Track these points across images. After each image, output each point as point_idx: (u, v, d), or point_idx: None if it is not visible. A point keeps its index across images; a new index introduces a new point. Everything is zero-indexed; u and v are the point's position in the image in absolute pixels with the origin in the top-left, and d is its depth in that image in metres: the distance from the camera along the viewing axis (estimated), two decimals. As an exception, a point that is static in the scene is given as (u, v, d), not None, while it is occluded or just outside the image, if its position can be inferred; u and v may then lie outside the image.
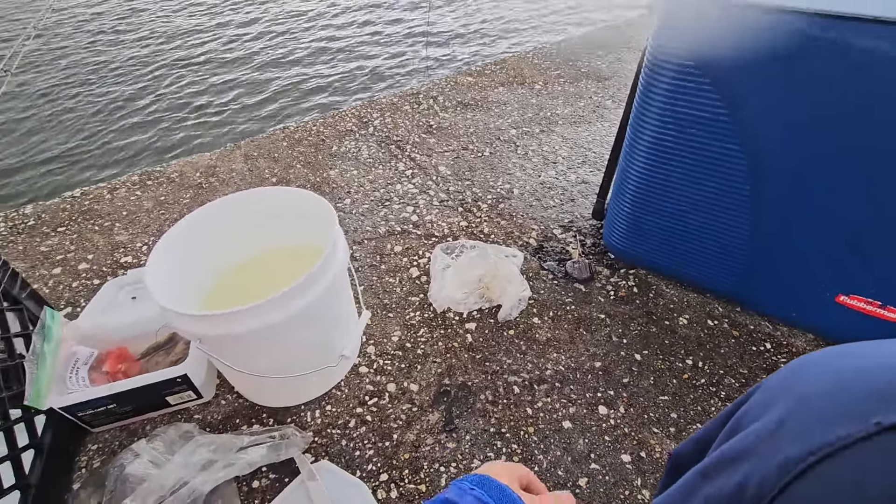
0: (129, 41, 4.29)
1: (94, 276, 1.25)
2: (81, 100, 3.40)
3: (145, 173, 1.63)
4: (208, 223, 0.92)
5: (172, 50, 4.12)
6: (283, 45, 4.16)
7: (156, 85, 3.56)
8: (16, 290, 0.84)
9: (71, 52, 4.10)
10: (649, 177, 0.98)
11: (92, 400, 0.83)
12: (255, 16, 4.78)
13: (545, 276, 1.18)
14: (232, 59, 3.93)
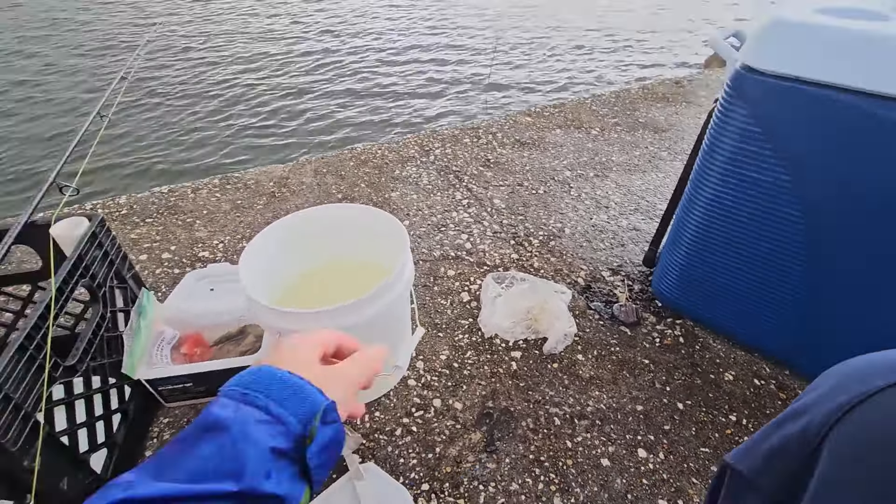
0: (219, 63, 4.68)
1: (175, 265, 1.37)
2: (178, 112, 3.73)
3: (225, 178, 1.78)
4: (290, 231, 1.01)
5: (256, 72, 4.46)
6: (354, 75, 4.43)
7: (243, 103, 3.86)
8: (124, 271, 0.95)
9: (167, 74, 4.50)
10: (706, 231, 1.02)
11: (173, 377, 0.92)
12: (332, 46, 5.13)
13: (591, 316, 1.22)
14: (308, 85, 4.22)
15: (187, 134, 3.39)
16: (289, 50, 4.94)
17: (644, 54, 4.99)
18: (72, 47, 4.96)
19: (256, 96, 3.93)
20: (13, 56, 4.75)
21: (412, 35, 5.41)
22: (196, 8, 6.29)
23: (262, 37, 5.32)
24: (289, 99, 3.89)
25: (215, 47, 4.97)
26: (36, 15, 6.03)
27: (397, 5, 6.46)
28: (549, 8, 6.36)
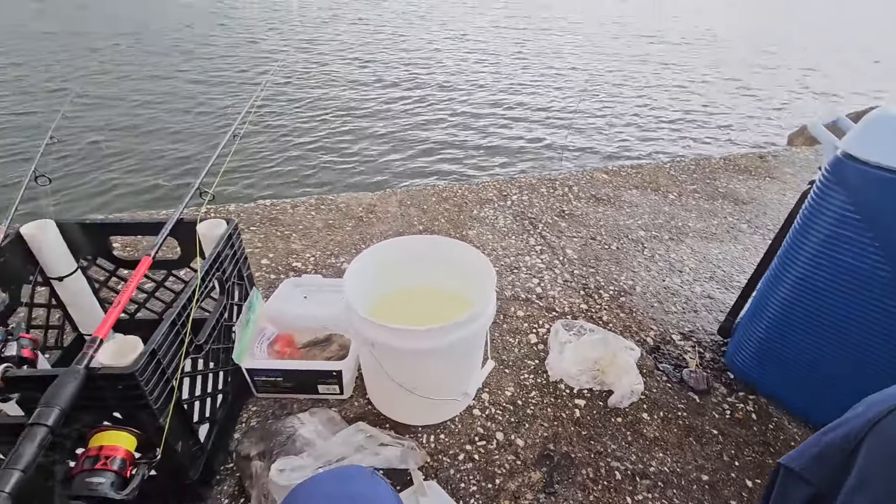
0: (322, 99, 5.16)
1: (272, 272, 1.52)
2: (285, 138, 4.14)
3: (320, 199, 1.96)
4: (387, 253, 1.12)
5: (353, 111, 4.87)
6: (442, 111, 4.71)
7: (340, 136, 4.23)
8: (244, 271, 1.09)
9: (278, 106, 5.02)
10: (790, 310, 1.01)
11: (269, 369, 1.03)
12: (423, 94, 5.50)
13: (659, 377, 1.22)
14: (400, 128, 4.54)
15: (291, 159, 3.73)
16: (386, 96, 5.35)
17: (727, 125, 4.94)
18: (200, 77, 5.65)
19: (353, 131, 4.28)
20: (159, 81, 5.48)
21: (497, 88, 5.69)
22: (305, 51, 6.98)
23: (361, 80, 5.80)
24: (382, 138, 4.19)
25: (320, 86, 5.47)
26: (172, 46, 6.94)
27: (486, 60, 6.84)
28: (634, 73, 6.48)
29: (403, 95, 5.19)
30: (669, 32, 8.57)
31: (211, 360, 0.95)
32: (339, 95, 5.12)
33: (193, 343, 0.85)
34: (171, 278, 1.13)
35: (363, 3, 10.47)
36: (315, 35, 7.48)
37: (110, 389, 0.69)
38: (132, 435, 0.56)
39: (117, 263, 1.10)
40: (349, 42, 7.25)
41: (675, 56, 7.27)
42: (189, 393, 0.86)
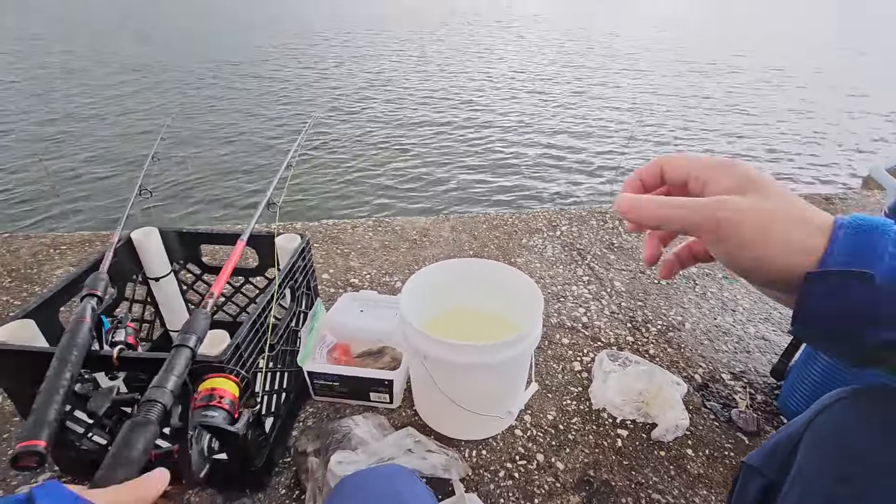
0: (377, 121, 5.47)
1: (331, 286, 1.64)
2: (344, 161, 4.43)
3: (377, 221, 2.09)
4: (438, 274, 1.20)
5: (410, 136, 5.12)
6: (495, 142, 4.86)
7: (398, 161, 4.46)
8: (312, 282, 1.20)
9: (337, 129, 5.37)
10: (848, 353, 0.99)
11: (328, 374, 1.12)
12: (478, 120, 5.70)
13: (706, 415, 1.20)
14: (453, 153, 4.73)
15: (351, 182, 3.97)
16: (442, 119, 5.58)
17: (793, 165, 4.75)
18: (260, 98, 6.16)
19: (411, 157, 4.50)
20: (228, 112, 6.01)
21: (551, 116, 5.79)
22: (365, 78, 7.43)
23: (420, 106, 6.09)
24: (438, 163, 4.38)
25: (379, 111, 5.80)
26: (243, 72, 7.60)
27: (541, 91, 6.98)
28: (697, 108, 6.39)
29: (459, 125, 5.39)
30: (736, 66, 8.42)
31: (279, 361, 1.06)
32: (396, 121, 5.40)
33: (268, 342, 0.95)
34: (246, 284, 1.26)
35: (427, 39, 11.04)
36: (378, 66, 7.95)
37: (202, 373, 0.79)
38: (235, 383, 0.65)
39: (204, 269, 1.25)
40: (409, 74, 7.64)
41: (737, 90, 7.11)
42: (261, 387, 0.96)
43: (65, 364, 0.69)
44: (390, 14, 15.71)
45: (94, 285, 0.88)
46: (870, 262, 0.30)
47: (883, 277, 0.29)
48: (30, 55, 8.40)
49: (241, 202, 3.53)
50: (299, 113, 5.65)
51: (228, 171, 4.00)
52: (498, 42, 11.01)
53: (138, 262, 1.16)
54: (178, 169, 3.73)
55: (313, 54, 9.16)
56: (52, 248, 1.81)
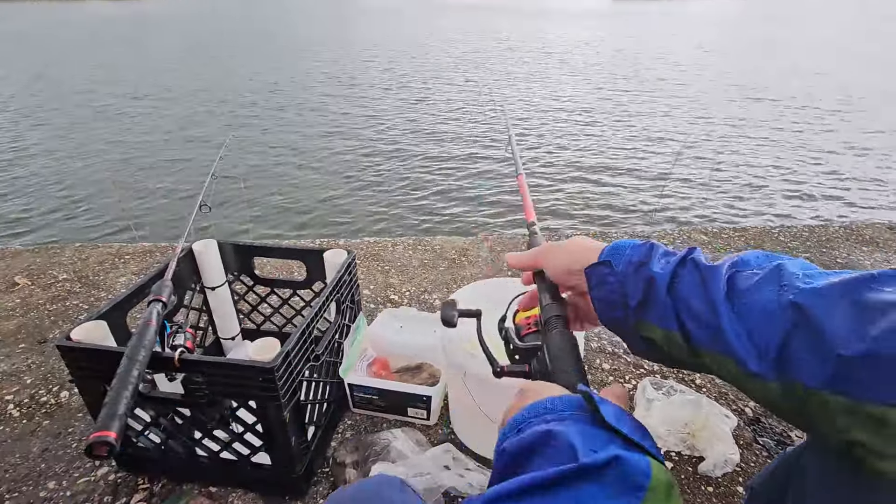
0: (422, 143, 5.61)
1: (371, 301, 1.68)
2: (389, 182, 4.57)
3: (417, 239, 2.13)
4: (479, 292, 1.21)
5: (452, 154, 5.22)
6: (537, 164, 4.88)
7: (441, 183, 4.56)
8: (356, 296, 1.24)
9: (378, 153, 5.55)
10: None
11: (368, 386, 1.14)
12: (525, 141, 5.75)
13: (758, 450, 1.14)
14: (494, 172, 4.78)
15: (393, 203, 4.08)
16: (486, 137, 5.67)
17: (852, 190, 4.50)
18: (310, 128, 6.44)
19: (455, 178, 4.58)
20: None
21: (592, 143, 5.76)
22: (414, 109, 7.66)
23: (463, 135, 6.21)
24: (474, 182, 4.44)
25: (424, 140, 5.96)
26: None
27: (588, 109, 6.98)
28: (748, 122, 6.20)
29: (500, 149, 5.45)
30: (788, 90, 8.14)
31: (323, 371, 1.09)
32: (443, 149, 5.52)
33: (314, 352, 0.99)
34: (294, 296, 1.32)
35: (471, 65, 11.31)
36: (421, 95, 8.19)
37: (252, 379, 0.83)
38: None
39: (256, 280, 1.31)
40: (454, 100, 7.81)
41: (791, 112, 6.85)
42: (305, 395, 0.99)
43: (133, 363, 0.75)
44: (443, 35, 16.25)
45: (160, 292, 0.95)
46: (612, 258, 0.51)
47: (621, 264, 0.50)
48: (101, 84, 9.19)
49: (295, 219, 3.69)
50: (334, 133, 5.88)
51: (282, 190, 4.20)
52: (542, 67, 11.13)
53: (197, 272, 1.24)
54: (233, 186, 3.96)
55: (358, 78, 9.55)
56: (116, 258, 1.95)
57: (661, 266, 0.47)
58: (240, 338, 1.37)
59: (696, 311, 0.44)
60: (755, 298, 0.41)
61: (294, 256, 1.27)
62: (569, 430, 0.35)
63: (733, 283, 0.43)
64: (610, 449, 0.32)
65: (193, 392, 0.87)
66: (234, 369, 0.84)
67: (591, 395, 0.37)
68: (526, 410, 0.40)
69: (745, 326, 0.41)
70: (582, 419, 0.37)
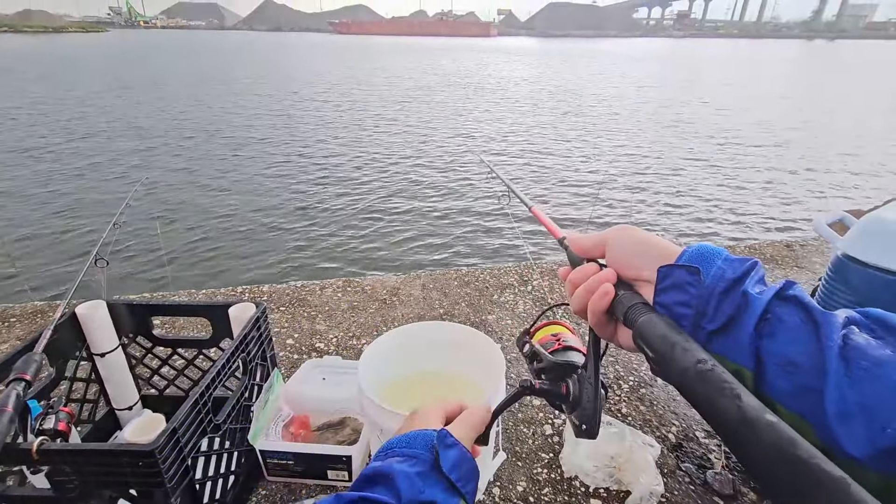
0: (349, 180, 5.56)
1: (295, 351, 1.58)
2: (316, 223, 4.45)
3: (347, 280, 2.07)
4: (403, 339, 1.17)
5: (382, 193, 5.20)
6: (464, 198, 4.95)
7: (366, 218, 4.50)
8: (268, 352, 1.15)
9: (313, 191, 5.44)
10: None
11: (283, 451, 1.05)
12: (449, 167, 5.84)
13: (681, 477, 1.15)
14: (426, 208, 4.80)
15: (320, 239, 3.96)
16: (416, 178, 5.71)
17: (755, 213, 4.94)
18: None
19: (382, 213, 4.54)
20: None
21: (522, 167, 5.98)
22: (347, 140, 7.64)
23: (396, 163, 6.24)
24: (409, 218, 4.43)
25: (357, 169, 5.92)
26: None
27: (521, 150, 7.25)
28: (657, 154, 6.70)
29: (434, 181, 5.51)
30: (699, 117, 8.94)
31: (227, 440, 0.99)
32: (368, 180, 5.50)
33: (213, 422, 0.89)
34: (199, 356, 1.21)
35: (415, 101, 11.51)
36: (356, 134, 8.21)
37: (130, 466, 0.73)
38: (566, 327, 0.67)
39: (154, 342, 1.19)
40: (391, 138, 7.88)
41: (697, 140, 7.51)
42: (203, 472, 0.89)
43: (-29, 464, 0.63)
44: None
45: (24, 368, 0.83)
46: (700, 264, 0.42)
47: (709, 276, 0.41)
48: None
49: (216, 266, 3.48)
50: (251, 177, 5.72)
51: (202, 235, 3.97)
52: (469, 103, 11.53)
53: (83, 337, 1.10)
54: (146, 235, 3.68)
55: (293, 115, 9.43)
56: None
57: (757, 292, 0.39)
58: (139, 406, 1.23)
59: (792, 358, 0.37)
60: (887, 369, 0.33)
61: (196, 313, 1.18)
62: (405, 472, 0.43)
63: (852, 341, 0.35)
64: (432, 493, 0.42)
65: (62, 486, 0.76)
66: (107, 456, 0.73)
67: (438, 445, 0.46)
68: (396, 439, 0.49)
69: (859, 397, 0.33)
70: (424, 461, 0.45)
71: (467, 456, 0.47)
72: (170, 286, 3.20)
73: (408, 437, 0.48)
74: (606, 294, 0.45)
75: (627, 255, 0.46)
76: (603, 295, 0.45)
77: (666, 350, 0.38)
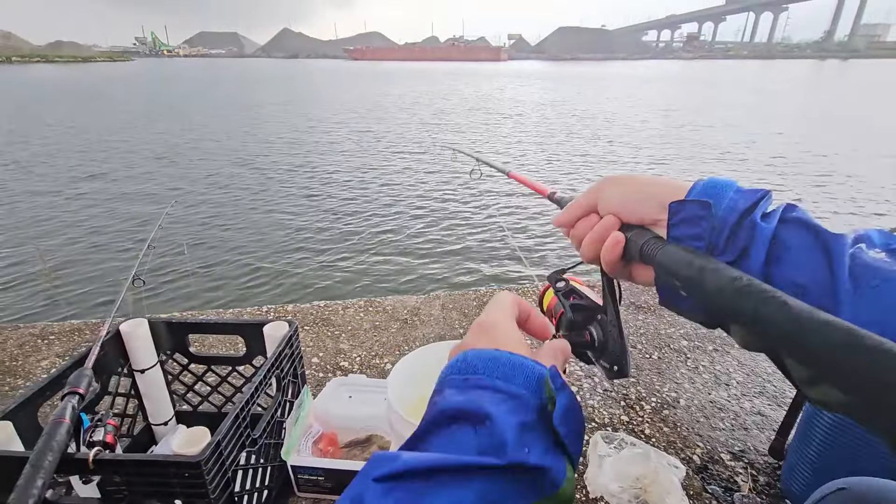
0: (376, 201, 5.67)
1: (320, 370, 1.62)
2: (335, 242, 4.54)
3: (369, 301, 2.11)
4: (425, 358, 1.20)
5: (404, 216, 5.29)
6: (478, 231, 5.01)
7: (393, 240, 4.58)
8: (299, 369, 1.19)
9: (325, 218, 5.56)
10: (841, 431, 0.98)
11: (314, 467, 1.08)
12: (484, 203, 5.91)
13: (707, 500, 1.15)
14: (444, 236, 4.86)
15: (342, 261, 4.04)
16: (438, 205, 5.80)
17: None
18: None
19: (405, 236, 4.62)
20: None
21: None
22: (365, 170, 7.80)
23: (409, 188, 6.35)
24: (428, 240, 4.49)
25: (375, 194, 6.04)
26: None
27: (533, 164, 7.31)
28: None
29: (451, 199, 5.59)
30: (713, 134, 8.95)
31: (262, 455, 1.02)
32: (393, 203, 5.59)
33: (251, 437, 0.93)
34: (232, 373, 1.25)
35: (433, 127, 11.72)
36: (375, 157, 8.39)
37: (177, 476, 0.77)
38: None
39: (190, 358, 1.24)
40: (411, 160, 8.04)
41: (717, 152, 7.51)
42: (241, 485, 0.92)
43: (37, 471, 0.68)
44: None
45: (77, 383, 0.88)
46: (712, 198, 0.39)
47: (721, 209, 0.39)
48: (21, 140, 8.83)
49: (242, 286, 3.57)
50: (284, 201, 5.87)
51: (228, 256, 4.07)
52: (477, 126, 11.71)
53: (125, 354, 1.16)
54: (175, 256, 3.79)
55: (303, 140, 9.68)
56: (39, 339, 1.80)
57: (765, 220, 0.38)
58: (174, 422, 1.27)
59: (798, 281, 0.36)
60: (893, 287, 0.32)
61: (231, 331, 1.22)
62: (508, 422, 0.31)
63: (861, 260, 0.34)
64: (538, 454, 0.31)
65: (112, 495, 0.80)
66: (156, 467, 0.77)
67: (554, 390, 0.34)
68: (480, 360, 0.36)
69: (870, 315, 0.32)
70: (529, 407, 0.33)
71: (577, 403, 0.35)
72: (197, 306, 3.28)
73: (500, 361, 0.36)
74: (617, 242, 0.43)
75: (623, 202, 0.44)
76: (615, 244, 0.43)
77: (694, 274, 0.36)
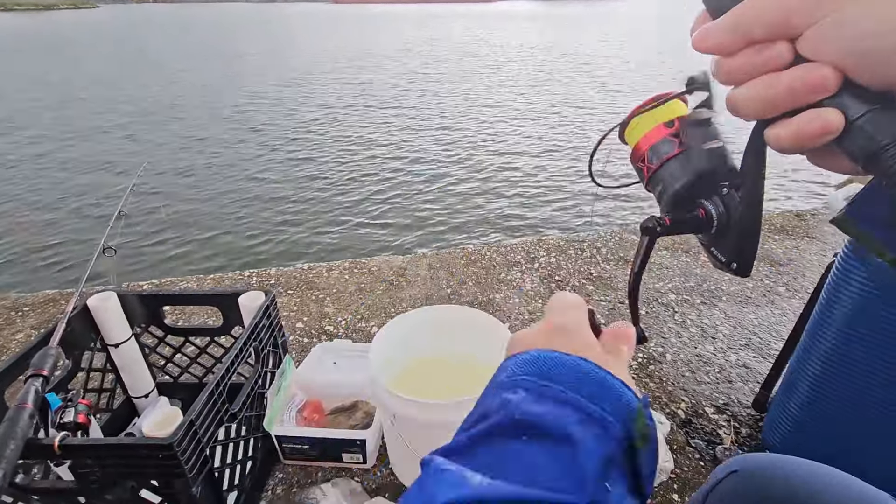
0: (356, 157, 5.51)
1: (305, 335, 1.60)
2: (324, 200, 4.42)
3: (354, 262, 2.06)
4: (410, 324, 1.17)
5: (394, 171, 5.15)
6: (476, 173, 4.90)
7: (377, 195, 4.47)
8: (278, 339, 1.16)
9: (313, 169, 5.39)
10: (822, 385, 0.98)
11: (298, 437, 1.07)
12: (453, 142, 5.76)
13: (691, 454, 1.17)
14: (430, 182, 4.75)
15: (329, 219, 3.95)
16: (413, 154, 5.64)
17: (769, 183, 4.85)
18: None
19: (389, 189, 4.51)
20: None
21: (529, 141, 5.89)
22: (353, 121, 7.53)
23: (393, 142, 6.16)
24: (415, 194, 4.39)
25: (361, 152, 5.85)
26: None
27: (517, 122, 7.11)
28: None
29: (435, 158, 5.45)
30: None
31: (243, 427, 1.01)
32: (376, 158, 5.44)
33: (229, 411, 0.91)
34: (211, 344, 1.22)
35: (419, 77, 11.28)
36: (360, 115, 8.07)
37: (151, 458, 0.75)
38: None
39: (166, 331, 1.20)
40: (383, 111, 7.76)
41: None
42: (220, 460, 0.91)
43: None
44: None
45: (41, 364, 0.84)
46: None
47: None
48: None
49: (223, 249, 3.49)
50: (250, 161, 5.67)
51: (207, 219, 3.96)
52: (475, 75, 11.30)
53: (96, 329, 1.11)
54: (152, 223, 3.66)
55: (286, 94, 9.29)
56: (13, 311, 1.75)
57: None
58: (155, 394, 1.25)
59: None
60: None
61: (206, 302, 1.18)
62: (594, 452, 0.25)
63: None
64: (618, 496, 0.25)
65: (85, 478, 0.77)
66: (126, 449, 0.75)
67: (648, 426, 0.28)
68: (564, 368, 0.29)
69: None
70: (615, 438, 0.27)
71: (656, 435, 0.29)
72: (176, 271, 3.22)
73: (589, 376, 0.29)
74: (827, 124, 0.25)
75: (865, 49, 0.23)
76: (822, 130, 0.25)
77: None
